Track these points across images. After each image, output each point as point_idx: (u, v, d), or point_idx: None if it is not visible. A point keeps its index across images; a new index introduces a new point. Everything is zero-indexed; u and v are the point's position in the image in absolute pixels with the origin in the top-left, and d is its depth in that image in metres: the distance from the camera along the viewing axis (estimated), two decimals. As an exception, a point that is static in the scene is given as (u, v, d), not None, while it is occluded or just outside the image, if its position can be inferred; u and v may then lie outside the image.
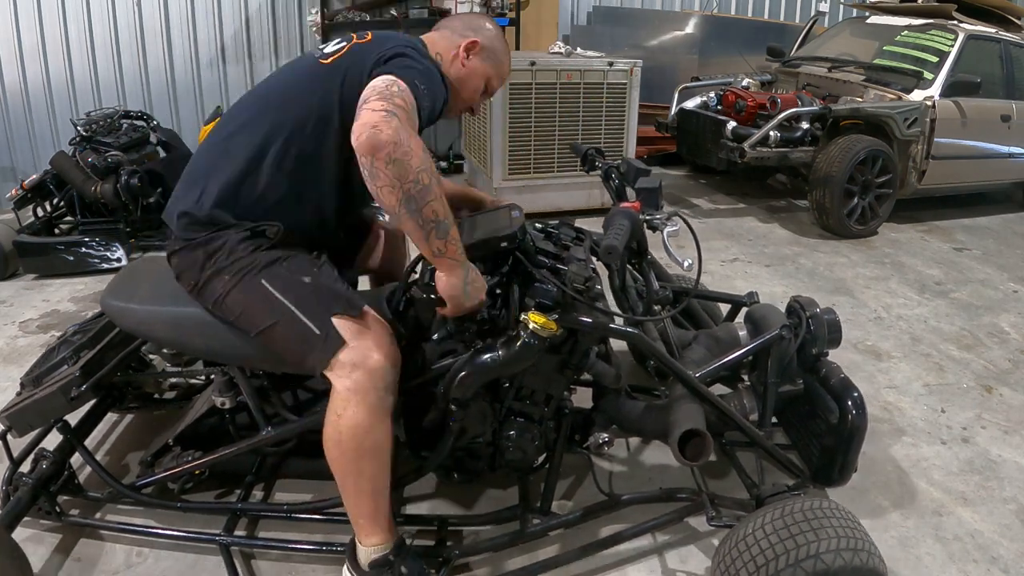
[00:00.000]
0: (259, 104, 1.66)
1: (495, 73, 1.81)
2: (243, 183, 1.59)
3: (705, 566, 1.86)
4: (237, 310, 1.56)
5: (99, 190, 3.79)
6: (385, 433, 1.53)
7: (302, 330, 1.50)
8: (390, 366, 1.51)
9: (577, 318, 1.56)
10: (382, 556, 1.59)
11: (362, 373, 1.48)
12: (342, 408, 1.49)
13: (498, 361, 1.52)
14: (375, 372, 1.48)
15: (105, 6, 5.06)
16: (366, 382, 1.48)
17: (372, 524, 1.58)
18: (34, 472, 1.82)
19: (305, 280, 1.54)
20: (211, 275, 1.57)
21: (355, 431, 1.49)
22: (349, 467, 1.53)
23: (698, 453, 1.61)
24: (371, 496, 1.56)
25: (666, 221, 1.65)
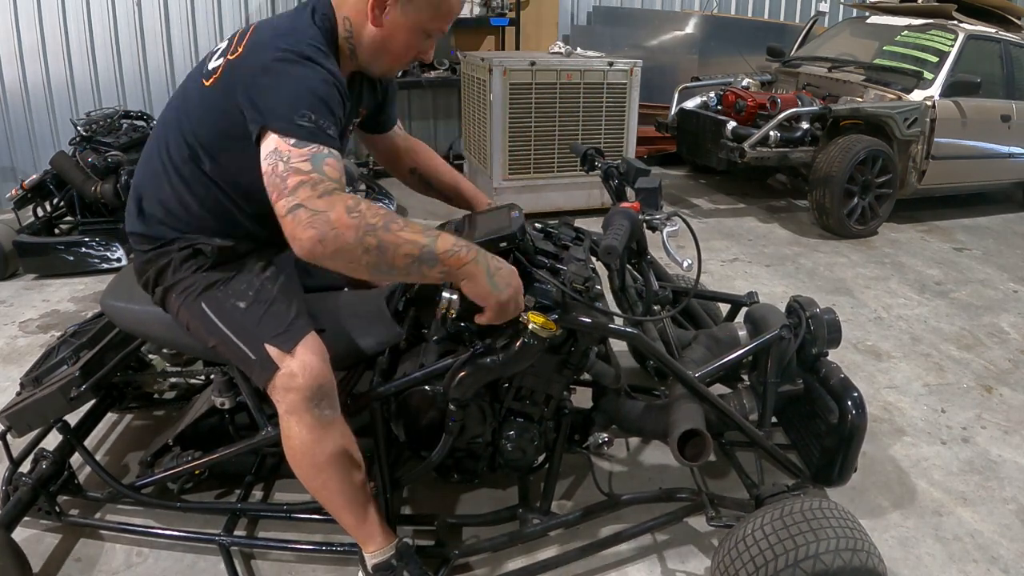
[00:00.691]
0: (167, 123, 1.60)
1: (429, 15, 1.49)
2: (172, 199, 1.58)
3: (705, 566, 1.86)
4: (188, 326, 1.60)
5: (99, 190, 3.79)
6: (335, 445, 1.53)
7: (240, 353, 1.52)
8: (318, 385, 1.48)
9: (576, 318, 1.56)
10: (384, 561, 1.61)
11: (293, 395, 1.48)
12: (286, 430, 1.52)
13: (497, 361, 1.52)
14: (303, 392, 1.47)
15: (105, 6, 5.06)
16: (298, 403, 1.48)
17: (361, 532, 1.61)
18: (34, 472, 1.82)
19: (240, 305, 1.53)
20: (163, 292, 1.60)
21: (303, 448, 1.51)
22: (314, 483, 1.56)
23: (698, 453, 1.61)
24: (348, 506, 1.58)
25: (666, 221, 1.64)
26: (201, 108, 1.50)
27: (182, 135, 1.53)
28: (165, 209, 1.59)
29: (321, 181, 1.25)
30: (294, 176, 1.24)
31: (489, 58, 4.50)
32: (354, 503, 1.58)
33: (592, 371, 1.71)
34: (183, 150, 1.53)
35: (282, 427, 1.53)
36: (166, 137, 1.57)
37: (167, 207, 1.59)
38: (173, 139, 1.55)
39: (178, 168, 1.55)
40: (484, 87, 4.56)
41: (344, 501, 1.57)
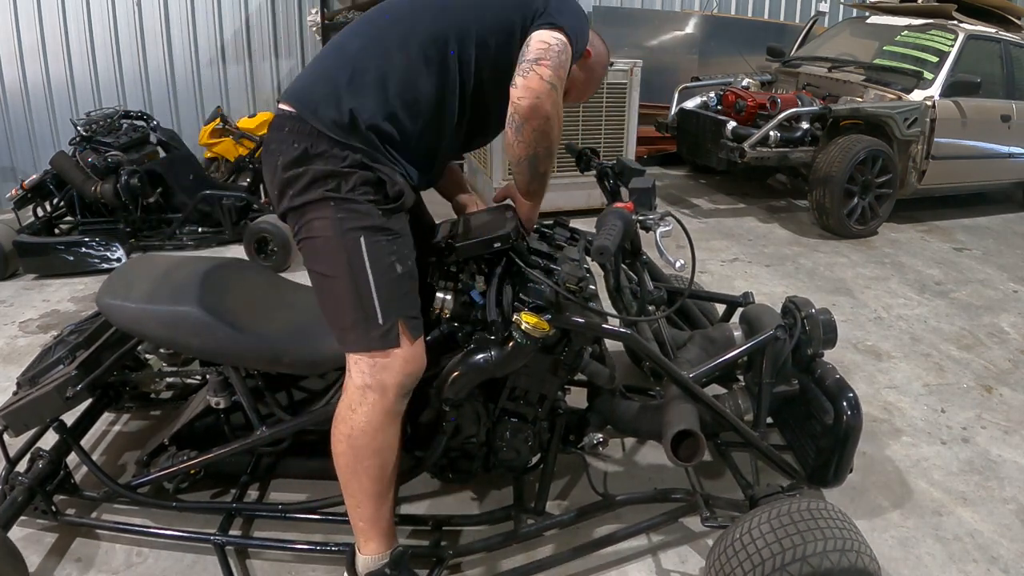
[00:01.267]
0: (422, 8, 1.57)
1: (580, 88, 1.80)
2: (388, 78, 1.50)
3: (700, 567, 1.86)
4: (318, 243, 1.48)
5: (99, 190, 3.80)
6: (393, 437, 1.52)
7: (366, 308, 1.45)
8: (415, 376, 1.52)
9: (570, 318, 1.56)
10: (377, 569, 1.57)
11: (390, 376, 1.47)
12: (358, 403, 1.48)
13: (490, 361, 1.52)
14: (403, 380, 1.49)
15: (105, 6, 5.07)
16: (391, 386, 1.48)
17: (372, 529, 1.57)
18: (30, 471, 1.83)
19: (398, 267, 1.48)
20: (316, 198, 1.46)
21: (367, 427, 1.48)
22: (356, 465, 1.51)
23: (691, 454, 1.61)
24: (373, 499, 1.55)
25: (659, 221, 1.64)
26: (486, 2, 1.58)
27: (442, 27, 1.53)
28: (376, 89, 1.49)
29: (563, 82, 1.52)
30: (564, 67, 1.49)
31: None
32: (380, 497, 1.55)
33: (586, 371, 1.70)
34: (433, 43, 1.52)
35: (350, 399, 1.49)
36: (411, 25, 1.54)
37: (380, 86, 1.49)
38: (423, 28, 1.53)
39: (417, 55, 1.51)
40: (484, 87, 4.55)
41: (374, 491, 1.54)
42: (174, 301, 1.72)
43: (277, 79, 5.71)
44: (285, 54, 5.66)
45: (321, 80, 1.52)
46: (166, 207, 4.06)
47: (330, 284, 1.48)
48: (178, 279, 1.82)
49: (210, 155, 5.03)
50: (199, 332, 1.68)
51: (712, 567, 1.55)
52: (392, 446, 1.53)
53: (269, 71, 5.66)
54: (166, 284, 1.81)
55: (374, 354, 1.46)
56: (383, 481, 1.54)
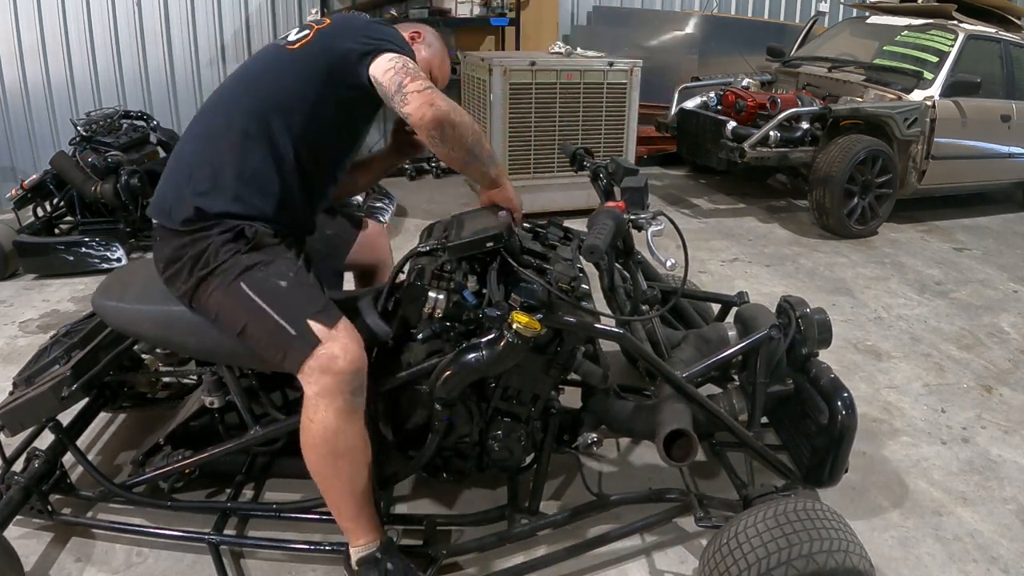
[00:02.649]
0: (233, 95, 1.70)
1: (437, 64, 1.92)
2: (226, 166, 1.61)
3: (693, 567, 1.85)
4: (216, 311, 1.59)
5: (99, 190, 3.80)
6: (356, 434, 1.56)
7: (277, 330, 1.52)
8: (356, 370, 1.53)
9: (562, 318, 1.56)
10: (369, 554, 1.61)
11: (329, 377, 1.50)
12: (312, 412, 1.52)
13: (482, 361, 1.52)
14: (341, 376, 1.50)
15: (105, 6, 5.08)
16: (333, 386, 1.50)
17: (356, 526, 1.61)
18: (26, 471, 1.83)
19: (281, 284, 1.56)
20: (198, 279, 1.59)
21: (326, 434, 1.52)
22: (326, 470, 1.56)
23: (684, 454, 1.60)
24: (351, 497, 1.58)
25: (651, 220, 1.64)
26: (292, 68, 1.67)
27: (255, 99, 1.65)
28: (215, 180, 1.61)
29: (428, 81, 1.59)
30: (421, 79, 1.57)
31: (489, 58, 4.50)
32: (358, 494, 1.59)
33: (580, 371, 1.70)
34: (251, 115, 1.63)
35: (307, 409, 1.53)
36: (226, 109, 1.68)
37: (218, 177, 1.61)
38: (239, 107, 1.65)
39: (239, 133, 1.62)
40: (484, 87, 4.56)
41: (350, 491, 1.58)
42: (169, 301, 1.72)
43: (277, 79, 5.71)
44: (285, 54, 5.67)
45: (169, 188, 1.66)
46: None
47: (249, 333, 1.57)
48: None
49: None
50: (194, 331, 1.68)
51: (705, 568, 1.55)
52: (357, 445, 1.56)
53: (269, 71, 5.66)
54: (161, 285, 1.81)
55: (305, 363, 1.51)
56: (357, 480, 1.58)
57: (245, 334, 1.57)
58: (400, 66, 1.57)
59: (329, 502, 1.61)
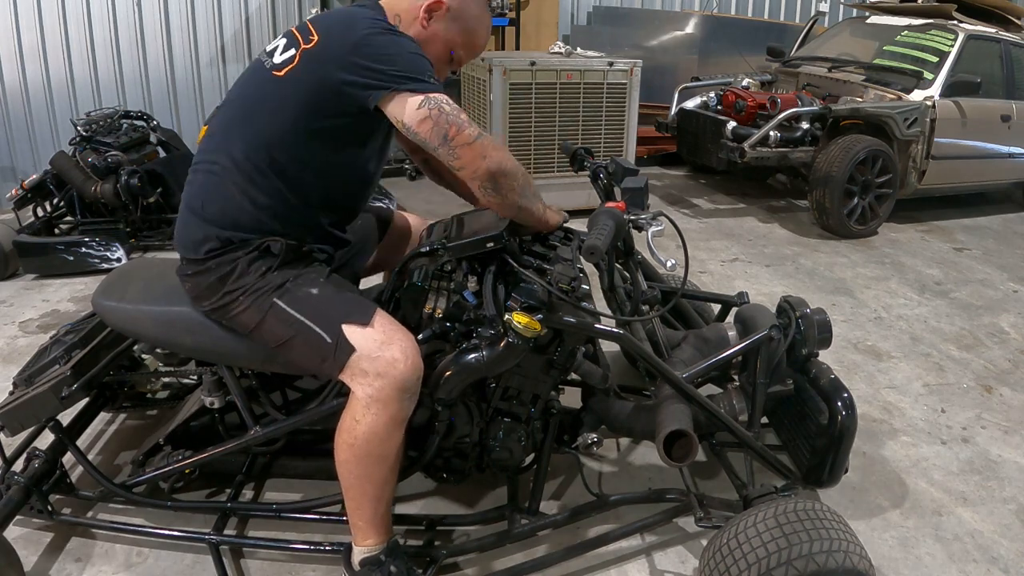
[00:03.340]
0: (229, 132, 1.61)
1: (462, 41, 1.68)
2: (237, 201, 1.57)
3: (694, 567, 1.86)
4: (251, 328, 1.58)
5: (99, 190, 3.80)
6: (399, 441, 1.55)
7: (315, 340, 1.51)
8: (415, 376, 1.51)
9: (562, 318, 1.56)
10: (373, 556, 1.60)
11: (387, 382, 1.47)
12: (362, 414, 1.49)
13: (482, 361, 1.52)
14: (401, 382, 1.48)
15: (105, 6, 5.07)
16: (391, 392, 1.48)
17: (370, 527, 1.60)
18: (26, 471, 1.83)
19: (313, 292, 1.55)
20: (227, 300, 1.57)
21: (371, 437, 1.50)
22: (358, 471, 1.54)
23: (684, 454, 1.60)
24: (374, 501, 1.57)
25: (651, 221, 1.64)
26: (278, 98, 1.53)
27: (253, 133, 1.55)
28: (230, 213, 1.57)
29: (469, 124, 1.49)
30: (463, 114, 1.47)
31: (489, 58, 4.50)
32: (382, 499, 1.58)
33: (580, 371, 1.70)
34: (252, 149, 1.54)
35: (354, 410, 1.50)
36: (226, 142, 1.58)
37: (233, 210, 1.57)
38: (238, 141, 1.56)
39: (244, 169, 1.55)
40: (484, 87, 4.56)
41: (376, 495, 1.56)
42: (169, 301, 1.72)
43: (277, 79, 5.71)
44: (285, 54, 5.67)
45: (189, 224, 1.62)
46: (166, 207, 4.06)
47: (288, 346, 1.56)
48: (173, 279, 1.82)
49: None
50: (194, 331, 1.68)
51: (705, 568, 1.54)
52: (396, 452, 1.55)
53: (269, 71, 5.67)
54: (161, 284, 1.81)
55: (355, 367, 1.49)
56: (385, 485, 1.57)
57: (283, 347, 1.56)
58: (437, 114, 1.45)
59: (349, 499, 1.58)
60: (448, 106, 1.46)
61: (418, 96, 1.45)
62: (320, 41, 1.51)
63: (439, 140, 1.45)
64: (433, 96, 1.46)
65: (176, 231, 1.67)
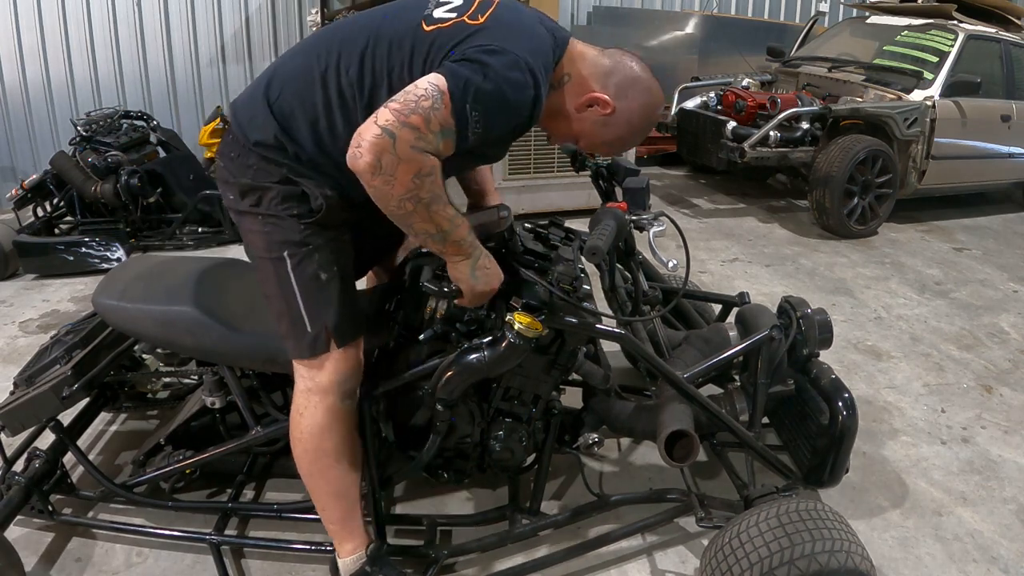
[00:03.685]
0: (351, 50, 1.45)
1: (596, 142, 1.58)
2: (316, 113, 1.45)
3: (694, 567, 1.86)
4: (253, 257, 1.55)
5: (99, 190, 3.81)
6: (345, 436, 1.57)
7: (295, 318, 1.50)
8: (351, 374, 1.54)
9: (563, 319, 1.56)
10: (358, 568, 1.62)
11: (327, 377, 1.51)
12: (302, 407, 1.54)
13: (484, 361, 1.52)
14: (338, 377, 1.52)
15: (105, 6, 5.08)
16: (328, 386, 1.51)
17: (343, 530, 1.62)
18: (27, 471, 1.83)
19: (321, 276, 1.51)
20: (244, 210, 1.51)
21: (314, 430, 1.53)
22: (312, 467, 1.57)
23: (685, 454, 1.60)
24: (337, 499, 1.59)
25: (652, 221, 1.64)
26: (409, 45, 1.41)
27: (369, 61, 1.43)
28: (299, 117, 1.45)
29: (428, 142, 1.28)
30: (419, 116, 1.26)
31: (488, 58, 4.49)
32: (345, 498, 1.60)
33: (581, 371, 1.70)
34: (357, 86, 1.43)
35: (297, 404, 1.54)
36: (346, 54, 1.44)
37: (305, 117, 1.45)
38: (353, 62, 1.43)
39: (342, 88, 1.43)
40: (483, 87, 4.54)
41: (336, 493, 1.58)
42: (170, 301, 1.72)
43: (277, 79, 5.71)
44: (285, 54, 5.67)
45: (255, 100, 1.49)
46: (166, 207, 4.07)
47: (268, 297, 1.55)
48: (174, 279, 1.82)
49: (210, 155, 5.04)
50: (195, 332, 1.68)
51: (706, 568, 1.55)
52: (345, 447, 1.57)
53: (269, 71, 5.67)
54: (162, 284, 1.81)
55: (312, 361, 1.52)
56: (342, 481, 1.58)
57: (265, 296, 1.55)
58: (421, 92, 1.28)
59: (315, 503, 1.63)
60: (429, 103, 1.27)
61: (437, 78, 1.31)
62: (483, 26, 1.40)
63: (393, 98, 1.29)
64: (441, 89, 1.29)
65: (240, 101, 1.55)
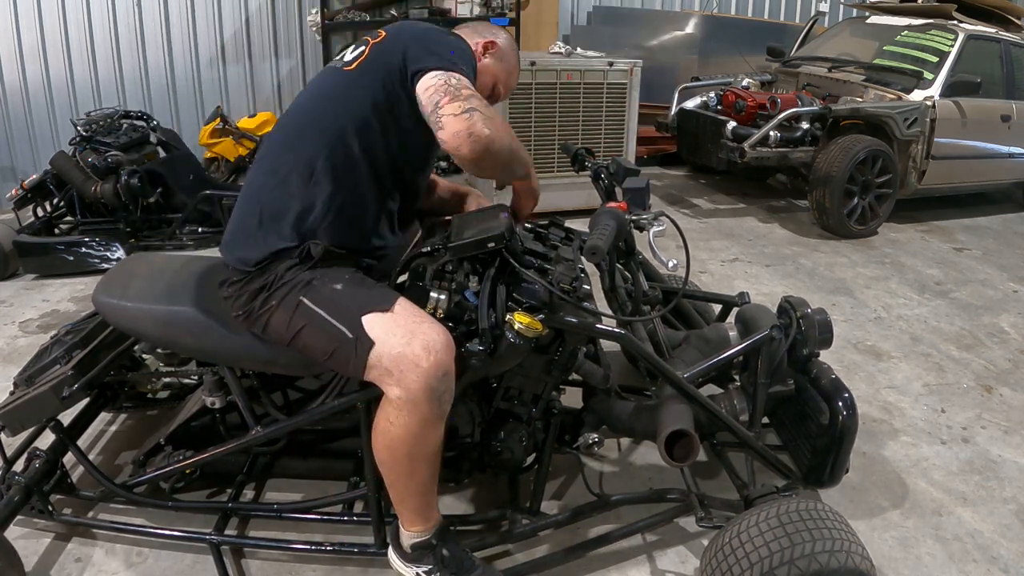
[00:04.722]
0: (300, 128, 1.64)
1: (504, 79, 1.86)
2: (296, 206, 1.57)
3: (695, 566, 1.86)
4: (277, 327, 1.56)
5: (99, 190, 3.80)
6: (438, 438, 1.51)
7: (337, 337, 1.48)
8: (441, 373, 1.44)
9: (563, 318, 1.56)
10: (425, 540, 1.60)
11: (412, 382, 1.42)
12: (395, 416, 1.46)
13: (484, 361, 1.52)
14: (426, 381, 1.42)
15: (105, 6, 5.07)
16: (418, 392, 1.42)
17: (416, 514, 1.60)
18: (27, 471, 1.83)
19: (336, 287, 1.53)
20: (260, 303, 1.57)
21: (408, 439, 1.47)
22: (400, 470, 1.52)
23: (685, 454, 1.61)
24: (419, 494, 1.57)
25: (653, 221, 1.64)
26: (350, 89, 1.60)
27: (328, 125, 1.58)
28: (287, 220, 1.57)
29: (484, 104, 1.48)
30: (467, 90, 1.46)
31: (488, 58, 4.50)
32: (426, 491, 1.57)
33: (581, 371, 1.70)
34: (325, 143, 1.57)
35: (386, 411, 1.47)
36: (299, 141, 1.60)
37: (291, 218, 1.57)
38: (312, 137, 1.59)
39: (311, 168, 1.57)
40: (483, 87, 4.55)
41: (420, 489, 1.56)
42: (170, 301, 1.72)
43: (277, 79, 5.70)
44: (285, 54, 5.66)
45: (240, 231, 1.63)
46: (166, 207, 4.06)
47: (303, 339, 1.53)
48: (174, 278, 1.82)
49: (210, 155, 5.03)
50: (195, 332, 1.68)
51: (707, 567, 1.55)
52: (436, 449, 1.52)
53: (269, 71, 5.66)
54: (162, 283, 1.81)
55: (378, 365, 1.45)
56: (429, 477, 1.56)
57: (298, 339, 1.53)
58: (441, 83, 1.46)
59: (394, 493, 1.58)
60: (455, 80, 1.47)
61: (437, 71, 1.49)
62: (387, 36, 1.64)
63: (431, 108, 1.45)
64: (452, 73, 1.48)
65: (227, 243, 1.66)
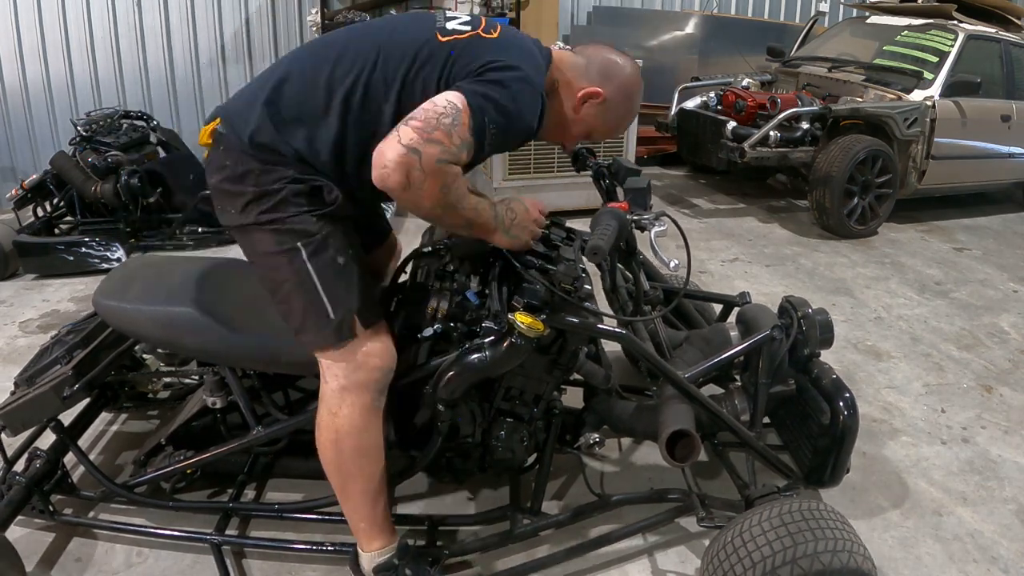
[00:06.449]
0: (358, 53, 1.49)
1: (604, 129, 1.69)
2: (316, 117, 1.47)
3: (695, 566, 1.86)
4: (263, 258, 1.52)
5: (99, 190, 3.80)
6: (379, 434, 1.56)
7: (316, 304, 1.48)
8: (388, 370, 1.54)
9: (564, 318, 1.56)
10: (386, 560, 1.60)
11: (364, 374, 1.50)
12: (337, 406, 1.51)
13: (485, 361, 1.52)
14: (374, 374, 1.51)
15: (105, 6, 5.07)
16: (366, 384, 1.50)
17: (372, 527, 1.60)
18: (28, 471, 1.83)
19: (339, 260, 1.49)
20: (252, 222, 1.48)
21: (351, 430, 1.51)
22: (347, 467, 1.54)
23: (686, 454, 1.61)
24: (370, 498, 1.57)
25: (654, 221, 1.64)
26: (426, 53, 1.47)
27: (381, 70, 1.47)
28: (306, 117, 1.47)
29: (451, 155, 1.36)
30: (441, 131, 1.34)
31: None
32: (375, 497, 1.58)
33: (582, 371, 1.70)
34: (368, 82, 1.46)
35: (329, 403, 1.51)
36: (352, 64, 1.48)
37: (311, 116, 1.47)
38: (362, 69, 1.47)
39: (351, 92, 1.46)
40: (483, 87, 4.54)
41: (368, 491, 1.57)
42: (170, 301, 1.72)
43: (277, 79, 5.71)
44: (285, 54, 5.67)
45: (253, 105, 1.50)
46: (166, 207, 4.06)
47: (281, 291, 1.51)
48: (174, 279, 1.82)
49: (210, 155, 5.03)
50: (195, 332, 1.68)
51: (708, 567, 1.55)
52: (378, 444, 1.56)
53: (269, 71, 5.67)
54: (162, 284, 1.81)
55: (343, 354, 1.49)
56: (376, 479, 1.57)
57: (277, 290, 1.51)
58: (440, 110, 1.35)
59: (344, 502, 1.59)
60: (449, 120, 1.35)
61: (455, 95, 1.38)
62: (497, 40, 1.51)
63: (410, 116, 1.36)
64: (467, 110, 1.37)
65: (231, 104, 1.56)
